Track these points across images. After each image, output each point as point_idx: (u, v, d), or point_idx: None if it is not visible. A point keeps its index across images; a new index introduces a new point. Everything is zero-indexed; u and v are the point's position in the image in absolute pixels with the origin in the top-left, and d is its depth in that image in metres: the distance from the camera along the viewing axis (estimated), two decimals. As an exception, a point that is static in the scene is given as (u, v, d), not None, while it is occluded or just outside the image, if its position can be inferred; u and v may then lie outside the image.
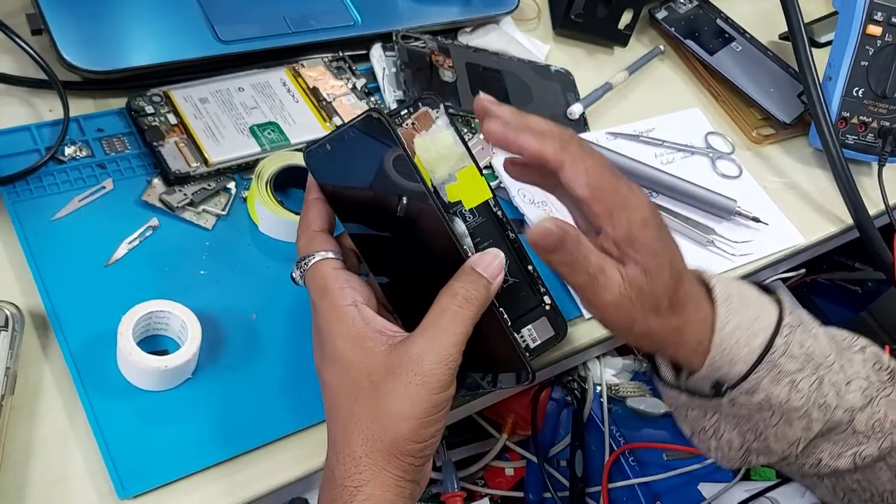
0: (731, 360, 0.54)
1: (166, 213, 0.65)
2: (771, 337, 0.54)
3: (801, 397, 0.54)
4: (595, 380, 0.85)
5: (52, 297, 0.58)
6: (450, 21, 0.84)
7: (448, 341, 0.49)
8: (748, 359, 0.54)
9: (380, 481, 0.48)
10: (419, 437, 0.49)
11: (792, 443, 0.56)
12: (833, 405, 0.55)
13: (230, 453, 0.56)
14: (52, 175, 0.64)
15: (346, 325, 0.50)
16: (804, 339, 0.55)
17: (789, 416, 0.55)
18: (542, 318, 0.57)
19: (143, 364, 0.55)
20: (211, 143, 0.67)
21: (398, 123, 0.55)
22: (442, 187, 0.55)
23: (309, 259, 0.53)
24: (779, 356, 0.54)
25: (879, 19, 0.88)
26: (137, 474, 0.53)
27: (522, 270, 0.57)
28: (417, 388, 0.48)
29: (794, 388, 0.54)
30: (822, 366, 0.55)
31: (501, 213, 0.56)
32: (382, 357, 0.49)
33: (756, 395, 0.54)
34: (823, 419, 0.55)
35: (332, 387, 0.51)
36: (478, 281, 0.51)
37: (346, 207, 0.54)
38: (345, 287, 0.51)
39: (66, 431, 0.55)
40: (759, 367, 0.54)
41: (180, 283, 0.62)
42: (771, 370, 0.54)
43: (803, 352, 0.55)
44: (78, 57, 0.67)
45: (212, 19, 0.73)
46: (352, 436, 0.49)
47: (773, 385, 0.54)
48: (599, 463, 0.83)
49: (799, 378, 0.54)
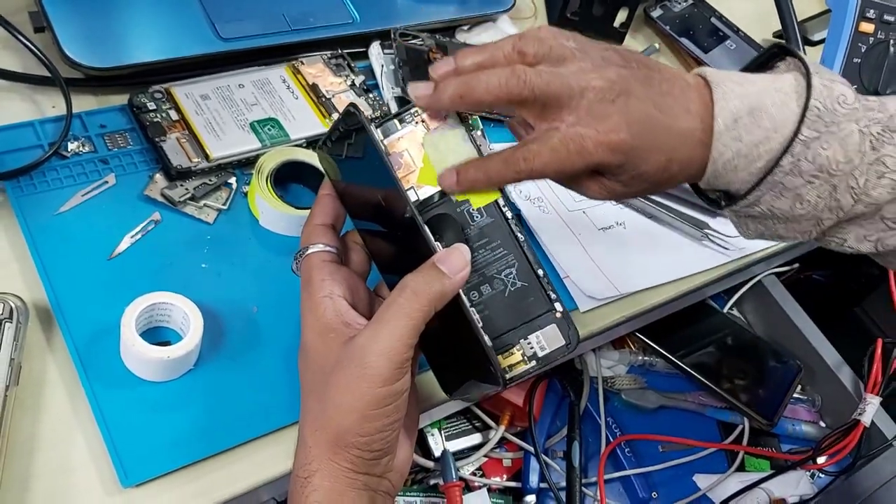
0: (728, 182, 0.52)
1: (168, 207, 0.65)
2: (777, 157, 0.51)
3: (807, 206, 0.52)
4: (591, 373, 0.86)
5: (55, 289, 0.59)
6: (447, 19, 0.85)
7: (391, 334, 0.48)
8: (748, 180, 0.52)
9: (328, 471, 0.48)
10: (362, 430, 0.48)
11: (804, 232, 0.54)
12: (849, 205, 0.52)
13: (232, 442, 0.57)
14: (56, 170, 0.65)
15: (316, 316, 0.51)
16: (822, 150, 0.50)
17: (796, 220, 0.53)
18: (552, 325, 0.53)
19: (145, 355, 0.56)
20: (212, 138, 0.68)
21: (409, 120, 0.54)
22: None
23: (304, 251, 0.54)
24: (783, 175, 0.51)
25: (872, 17, 0.89)
26: (140, 463, 0.54)
27: (532, 274, 0.54)
28: (358, 381, 0.47)
29: (798, 199, 0.52)
30: (839, 173, 0.51)
31: (511, 214, 0.54)
32: (337, 349, 0.49)
33: (758, 207, 0.52)
34: (836, 217, 0.53)
35: (300, 376, 0.52)
36: (432, 275, 0.49)
37: (353, 205, 0.55)
38: (325, 279, 0.52)
39: (70, 422, 0.56)
40: (759, 187, 0.51)
41: (182, 277, 0.62)
42: (772, 188, 0.51)
43: (815, 167, 0.50)
44: (80, 54, 0.68)
45: (212, 17, 0.74)
46: (305, 426, 0.50)
47: (775, 199, 0.52)
48: (596, 454, 0.83)
49: (805, 191, 0.51)
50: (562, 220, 0.77)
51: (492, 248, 0.54)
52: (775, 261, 0.89)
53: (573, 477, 0.79)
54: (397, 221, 0.52)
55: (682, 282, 0.77)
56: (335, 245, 0.54)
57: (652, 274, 0.76)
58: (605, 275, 0.74)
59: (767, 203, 0.52)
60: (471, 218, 0.54)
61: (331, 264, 0.53)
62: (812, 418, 0.93)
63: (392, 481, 0.52)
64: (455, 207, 0.54)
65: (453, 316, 0.51)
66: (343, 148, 0.54)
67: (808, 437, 0.90)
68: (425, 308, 0.49)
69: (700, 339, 0.90)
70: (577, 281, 0.72)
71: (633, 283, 0.74)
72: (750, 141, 0.51)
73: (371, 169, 0.52)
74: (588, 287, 0.72)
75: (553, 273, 0.73)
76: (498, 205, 0.54)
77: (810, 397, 0.93)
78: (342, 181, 0.55)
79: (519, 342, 0.53)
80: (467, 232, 0.54)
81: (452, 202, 0.54)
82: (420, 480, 0.77)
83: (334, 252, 0.54)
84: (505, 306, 0.53)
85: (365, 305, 0.54)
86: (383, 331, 0.48)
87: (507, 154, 0.52)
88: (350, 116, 0.52)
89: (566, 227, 0.76)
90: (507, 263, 0.54)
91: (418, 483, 0.77)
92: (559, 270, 0.73)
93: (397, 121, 0.54)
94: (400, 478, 0.53)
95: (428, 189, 0.54)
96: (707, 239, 0.79)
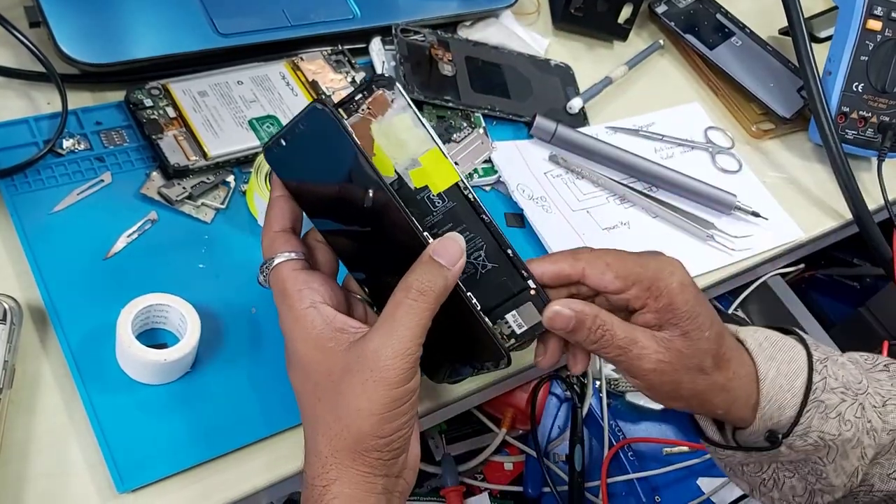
0: (780, 407, 0.55)
1: (165, 206, 0.64)
2: (808, 376, 0.55)
3: (851, 427, 0.55)
4: (594, 374, 0.85)
5: (50, 290, 0.58)
6: (449, 15, 0.84)
7: (404, 335, 0.48)
8: (794, 402, 0.55)
9: (347, 478, 0.48)
10: (382, 432, 0.48)
11: (851, 474, 0.56)
12: (879, 428, 0.56)
13: (231, 446, 0.56)
14: (51, 168, 0.64)
15: (305, 328, 0.50)
16: (836, 371, 0.56)
17: (844, 448, 0.55)
18: (528, 303, 0.53)
19: (142, 357, 0.55)
20: (210, 136, 0.67)
21: (354, 110, 0.53)
22: (406, 173, 0.53)
23: (270, 262, 0.52)
24: (820, 393, 0.55)
25: (879, 14, 0.88)
26: (136, 468, 0.53)
27: (502, 254, 0.54)
28: (375, 385, 0.47)
29: (842, 420, 0.55)
30: (860, 392, 0.56)
31: (473, 197, 0.53)
32: (342, 356, 0.49)
33: (810, 436, 0.55)
34: (874, 444, 0.56)
35: (297, 391, 0.51)
36: (433, 270, 0.49)
37: (312, 203, 0.53)
38: (303, 289, 0.51)
39: (65, 425, 0.55)
40: (807, 409, 0.54)
41: (179, 277, 0.61)
42: (818, 408, 0.55)
43: (840, 383, 0.56)
44: (76, 50, 0.67)
45: (211, 12, 0.73)
46: (317, 436, 0.49)
47: (823, 422, 0.55)
48: (598, 457, 0.82)
49: (844, 409, 0.55)
50: (565, 220, 0.76)
51: (458, 232, 0.53)
52: (781, 262, 0.88)
53: (575, 481, 0.78)
54: (369, 215, 0.50)
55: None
56: (302, 250, 0.53)
57: None
58: None
59: (818, 429, 0.55)
60: (432, 204, 0.54)
61: (303, 272, 0.51)
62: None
63: (407, 479, 0.52)
64: (415, 195, 0.53)
65: (448, 303, 0.50)
66: (304, 145, 0.51)
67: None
68: (433, 305, 0.49)
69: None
70: None
71: None
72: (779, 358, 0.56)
73: (341, 164, 0.50)
74: None
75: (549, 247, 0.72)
76: (459, 188, 0.53)
77: (816, 399, 0.92)
78: (298, 180, 0.53)
79: (496, 322, 0.54)
80: (429, 220, 0.54)
81: (411, 189, 0.53)
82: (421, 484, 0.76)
83: (303, 258, 0.52)
84: (479, 288, 0.53)
85: (343, 305, 0.53)
86: (396, 332, 0.48)
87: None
88: (316, 112, 0.50)
89: (570, 226, 0.75)
90: (476, 246, 0.54)
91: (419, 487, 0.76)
92: None
93: (342, 111, 0.53)
94: (413, 474, 0.52)
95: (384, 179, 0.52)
96: (713, 239, 0.78)
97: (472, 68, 0.82)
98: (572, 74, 0.88)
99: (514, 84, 0.83)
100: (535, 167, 0.79)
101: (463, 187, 0.53)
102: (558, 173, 0.79)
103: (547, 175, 0.79)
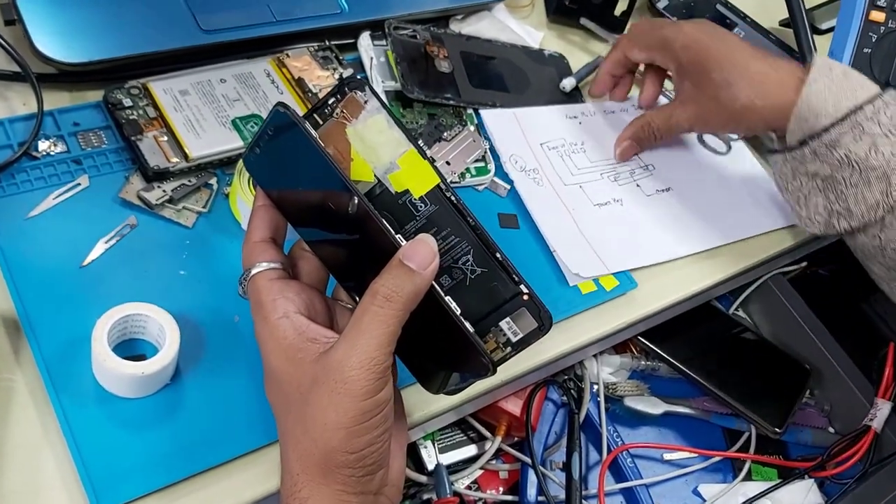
0: (817, 114, 0.63)
1: (145, 210, 0.62)
2: (862, 103, 0.62)
3: (881, 159, 0.61)
4: (592, 378, 0.83)
5: (24, 299, 0.56)
6: (441, 8, 0.82)
7: (369, 344, 0.45)
8: (833, 114, 0.62)
9: (319, 497, 0.46)
10: (351, 447, 0.45)
11: (871, 206, 0.62)
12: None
13: (212, 462, 0.54)
14: (26, 171, 0.62)
15: (277, 339, 0.48)
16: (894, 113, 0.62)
17: (867, 175, 0.61)
18: (522, 308, 0.51)
19: (118, 370, 0.52)
20: (191, 137, 0.65)
21: (329, 114, 0.51)
22: (386, 178, 0.51)
23: (248, 273, 0.50)
24: (864, 119, 0.61)
25: (883, 5, 0.86)
26: (113, 485, 0.51)
27: (491, 259, 0.51)
28: (341, 397, 0.45)
29: (874, 148, 0.62)
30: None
31: (455, 199, 0.51)
32: (310, 367, 0.47)
33: (837, 150, 0.62)
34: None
35: (272, 404, 0.50)
36: (401, 275, 0.46)
37: (293, 212, 0.51)
38: (277, 298, 0.49)
39: (39, 440, 0.53)
40: (843, 123, 0.61)
41: (159, 285, 0.59)
42: (853, 128, 0.62)
43: (893, 123, 0.61)
44: (52, 48, 0.64)
45: (193, 8, 0.71)
46: (287, 452, 0.47)
47: (854, 142, 0.61)
48: (597, 465, 0.81)
49: (881, 142, 0.62)
50: (556, 193, 0.75)
51: (443, 236, 0.51)
52: (782, 260, 0.87)
53: (573, 489, 0.76)
54: (348, 222, 0.48)
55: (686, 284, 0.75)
56: (280, 260, 0.51)
57: (645, 253, 0.74)
58: (595, 252, 0.72)
59: (846, 145, 0.62)
60: (415, 209, 0.51)
61: (279, 282, 0.50)
62: (821, 424, 0.90)
63: (389, 496, 0.49)
64: (396, 199, 0.51)
65: (427, 309, 0.48)
66: (275, 152, 0.50)
67: (817, 444, 0.87)
68: (400, 312, 0.46)
69: (705, 342, 0.87)
70: (565, 256, 0.70)
71: (624, 262, 0.72)
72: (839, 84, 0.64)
73: (310, 170, 0.49)
74: (575, 263, 0.70)
75: (545, 248, 0.71)
76: (441, 189, 0.51)
77: (819, 402, 0.90)
78: (277, 189, 0.51)
79: (491, 330, 0.51)
80: (412, 225, 0.51)
81: (392, 194, 0.51)
82: (412, 496, 0.74)
83: (280, 268, 0.50)
84: (469, 295, 0.51)
85: (324, 316, 0.51)
86: (359, 341, 0.45)
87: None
88: (279, 116, 0.48)
89: (560, 200, 0.74)
90: (462, 251, 0.51)
91: (410, 498, 0.74)
92: (549, 244, 0.71)
93: (317, 116, 0.51)
94: (397, 492, 0.50)
95: (364, 185, 0.51)
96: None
97: (469, 63, 0.80)
98: (567, 64, 0.86)
99: (510, 77, 0.81)
100: (532, 137, 0.78)
101: (445, 189, 0.51)
102: (555, 145, 0.78)
103: (543, 146, 0.78)
